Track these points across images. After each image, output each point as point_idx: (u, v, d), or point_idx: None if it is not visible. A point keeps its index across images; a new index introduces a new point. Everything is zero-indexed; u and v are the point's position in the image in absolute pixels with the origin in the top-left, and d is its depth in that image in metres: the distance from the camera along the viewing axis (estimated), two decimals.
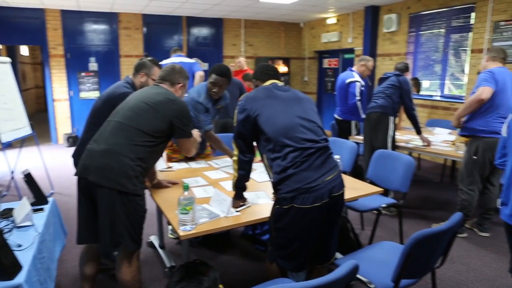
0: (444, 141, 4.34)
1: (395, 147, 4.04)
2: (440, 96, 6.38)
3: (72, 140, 7.52)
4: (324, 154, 1.89)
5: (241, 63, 6.08)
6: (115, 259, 2.12)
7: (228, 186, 2.37)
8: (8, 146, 4.45)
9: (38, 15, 7.21)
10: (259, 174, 2.75)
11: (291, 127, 1.87)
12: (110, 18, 7.77)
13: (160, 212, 2.99)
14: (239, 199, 2.11)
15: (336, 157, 2.39)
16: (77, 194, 2.06)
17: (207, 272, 2.05)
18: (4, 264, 1.60)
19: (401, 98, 3.98)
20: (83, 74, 7.78)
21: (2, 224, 2.12)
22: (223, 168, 2.93)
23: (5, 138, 4.20)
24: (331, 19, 8.54)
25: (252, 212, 2.08)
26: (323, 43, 8.89)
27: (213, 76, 2.91)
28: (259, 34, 9.18)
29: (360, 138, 4.55)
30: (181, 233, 1.81)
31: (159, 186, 2.49)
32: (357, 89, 4.54)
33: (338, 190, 1.87)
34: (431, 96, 6.48)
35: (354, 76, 4.62)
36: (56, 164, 6.04)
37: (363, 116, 4.62)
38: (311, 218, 1.80)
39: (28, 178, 2.43)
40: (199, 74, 5.12)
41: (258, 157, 2.07)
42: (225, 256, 3.13)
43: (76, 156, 2.52)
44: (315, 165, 1.82)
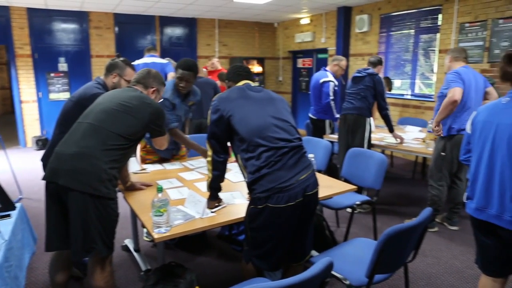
0: (415, 138, 4.46)
1: (370, 146, 4.13)
2: (411, 95, 6.55)
3: (41, 143, 7.28)
4: (298, 153, 1.90)
5: (214, 64, 6.06)
6: (82, 268, 2.07)
7: (203, 187, 2.36)
8: None
9: (2, 13, 6.93)
10: (234, 174, 2.74)
11: (265, 127, 1.88)
12: (80, 17, 7.56)
13: (134, 215, 2.93)
14: (214, 199, 2.10)
15: (310, 156, 2.42)
16: (45, 199, 1.99)
17: (183, 274, 2.03)
18: None
19: (375, 98, 4.06)
20: (52, 74, 7.54)
21: None
22: (198, 169, 2.91)
23: None
24: (305, 20, 8.62)
25: (228, 213, 2.07)
26: (297, 43, 8.96)
27: (179, 71, 2.88)
28: (234, 34, 9.17)
29: (335, 137, 4.62)
30: (155, 235, 1.78)
31: (132, 188, 2.45)
32: (330, 88, 4.60)
33: (312, 189, 1.89)
34: (402, 95, 6.65)
35: (328, 76, 4.68)
36: (25, 168, 5.83)
37: (337, 115, 4.69)
38: (286, 217, 1.82)
39: None
40: (171, 75, 5.00)
41: (233, 157, 2.07)
42: (201, 257, 3.11)
43: (46, 160, 2.43)
44: (289, 164, 1.84)
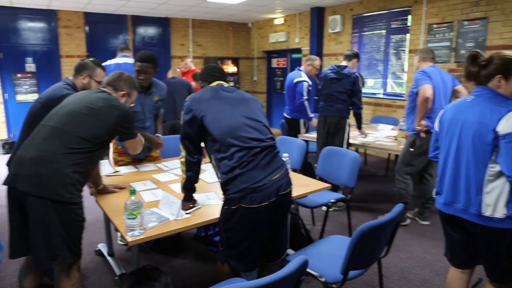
0: (387, 136, 4.57)
1: (348, 146, 4.19)
2: (383, 94, 6.71)
3: (8, 146, 7.00)
4: (271, 153, 1.91)
5: (188, 64, 6.00)
6: (52, 275, 2.00)
7: (178, 188, 2.33)
8: None
9: None
10: (209, 175, 2.73)
11: (237, 127, 1.88)
12: (48, 15, 7.32)
13: (107, 218, 2.87)
14: (188, 201, 2.08)
15: (285, 155, 2.43)
16: (7, 204, 1.92)
17: (159, 277, 2.00)
18: None
19: (351, 97, 4.07)
20: (19, 75, 7.27)
21: None
22: (172, 170, 2.87)
23: None
24: (279, 20, 8.67)
25: (203, 214, 2.05)
26: (271, 43, 9.01)
27: (137, 64, 2.85)
28: (208, 34, 9.12)
29: (310, 136, 4.67)
30: (129, 239, 1.75)
31: (105, 191, 2.39)
32: (304, 88, 4.64)
33: (285, 188, 1.90)
34: (375, 94, 6.80)
35: (301, 75, 4.72)
36: None
37: (311, 115, 4.73)
38: (260, 217, 1.82)
39: None
40: None
41: (207, 158, 2.06)
42: (177, 259, 3.08)
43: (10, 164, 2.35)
44: (262, 164, 1.84)
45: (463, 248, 2.00)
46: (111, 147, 3.18)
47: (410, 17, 6.00)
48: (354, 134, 4.53)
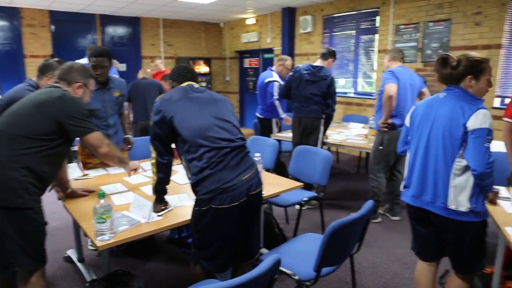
0: (358, 134, 4.66)
1: (323, 145, 4.23)
2: (354, 93, 6.84)
3: None
4: (241, 153, 1.91)
5: (158, 66, 5.90)
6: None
7: (149, 190, 2.29)
8: None
9: None
10: (182, 176, 2.70)
11: (206, 127, 1.87)
12: (10, 13, 7.02)
13: (76, 223, 2.79)
14: (160, 203, 2.05)
15: (257, 155, 2.44)
16: None
17: (131, 281, 1.97)
18: None
19: (326, 99, 4.08)
20: None
21: None
22: (144, 172, 2.82)
23: None
24: (250, 20, 8.69)
25: (175, 216, 2.03)
26: (243, 43, 9.01)
27: (92, 59, 2.78)
28: (179, 34, 9.01)
29: (282, 136, 4.70)
30: (98, 243, 1.71)
31: (74, 195, 2.32)
32: (275, 88, 4.66)
33: (255, 188, 1.91)
34: (346, 93, 6.92)
35: (273, 75, 4.75)
36: None
37: (283, 115, 4.74)
38: (230, 217, 1.82)
39: None
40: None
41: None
42: (151, 262, 3.03)
43: None
44: (231, 164, 1.84)
45: (430, 242, 2.07)
46: (78, 149, 3.09)
47: (378, 18, 6.15)
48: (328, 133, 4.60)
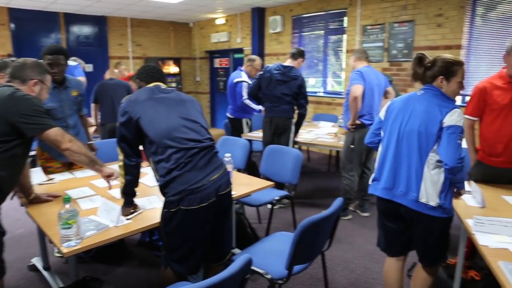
0: (328, 133, 4.74)
1: (294, 144, 4.26)
2: (324, 92, 6.95)
3: None
4: (209, 153, 1.91)
5: (122, 72, 5.72)
6: None
7: (118, 193, 2.24)
8: None
9: None
10: (151, 178, 2.64)
11: (173, 128, 1.85)
12: None
13: (41, 230, 2.69)
14: (129, 206, 2.01)
15: (227, 155, 2.43)
16: None
17: (100, 287, 1.92)
18: None
19: (297, 99, 4.10)
20: None
21: None
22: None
23: None
24: (220, 20, 8.65)
25: (145, 218, 2.00)
26: (213, 43, 8.96)
27: (47, 57, 2.68)
28: (148, 33, 8.86)
29: (253, 135, 4.70)
30: (64, 250, 1.65)
31: (38, 201, 2.24)
32: (243, 89, 4.67)
33: (224, 188, 1.91)
34: (316, 92, 7.02)
35: (241, 76, 4.75)
36: None
37: (259, 107, 4.65)
38: (200, 218, 1.81)
39: None
40: (82, 80, 4.29)
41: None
42: (121, 267, 2.96)
43: None
44: (200, 165, 1.83)
45: (397, 237, 2.14)
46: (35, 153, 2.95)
47: (346, 18, 6.28)
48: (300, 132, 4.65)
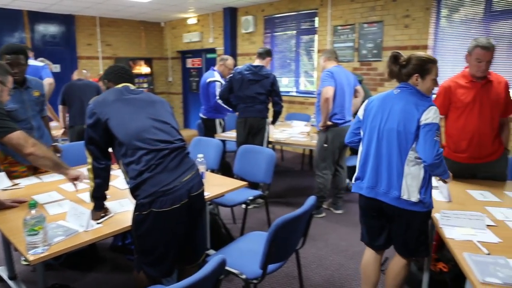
0: (301, 132, 4.78)
1: (268, 144, 4.28)
2: (296, 91, 7.02)
3: None
4: (180, 154, 1.89)
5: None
6: None
7: (88, 198, 2.18)
8: None
9: None
10: (122, 181, 2.59)
11: (143, 129, 1.83)
12: None
13: (5, 238, 2.58)
14: (99, 210, 1.96)
15: (200, 156, 2.42)
16: None
17: None
18: None
19: (271, 97, 4.11)
20: None
21: None
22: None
23: None
24: (192, 19, 8.58)
25: (116, 222, 1.95)
26: (185, 43, 8.88)
27: (6, 57, 2.59)
28: (118, 33, 8.67)
29: (227, 136, 4.69)
30: (30, 257, 1.59)
31: (2, 207, 2.14)
32: (217, 88, 4.64)
33: (197, 189, 1.89)
34: (288, 92, 7.07)
35: (214, 75, 4.72)
36: None
37: (231, 109, 4.67)
38: (172, 220, 1.79)
39: None
40: (48, 82, 4.14)
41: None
42: (93, 273, 2.88)
43: None
44: (171, 166, 1.81)
45: (381, 232, 2.20)
46: None
47: (317, 19, 6.36)
48: (273, 132, 4.67)
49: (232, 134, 4.53)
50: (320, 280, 2.78)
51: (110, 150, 1.92)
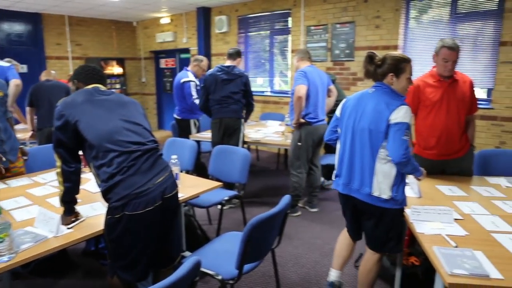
0: (275, 132, 4.81)
1: (244, 144, 4.27)
2: (271, 91, 7.05)
3: None
4: (153, 156, 1.86)
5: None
6: None
7: (57, 202, 2.11)
8: None
9: None
10: (94, 184, 2.52)
11: (115, 131, 1.79)
12: None
13: None
14: (69, 214, 1.91)
15: (173, 157, 2.39)
16: None
17: None
18: None
19: (245, 98, 4.11)
20: None
21: None
22: (51, 183, 2.60)
23: None
24: (165, 19, 8.47)
25: (87, 226, 1.91)
26: (158, 43, 8.75)
27: None
28: (88, 33, 8.45)
29: (201, 136, 4.66)
30: None
31: None
32: (192, 88, 4.61)
33: (170, 191, 1.87)
34: (263, 92, 7.10)
35: (188, 75, 4.68)
36: None
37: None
38: (146, 223, 1.76)
39: None
40: (15, 83, 3.98)
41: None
42: (65, 280, 2.80)
43: None
44: (144, 168, 1.78)
45: (358, 226, 2.30)
46: None
47: (290, 19, 6.41)
48: (246, 132, 4.66)
49: (207, 135, 4.51)
50: (297, 278, 2.81)
51: (81, 153, 1.87)
